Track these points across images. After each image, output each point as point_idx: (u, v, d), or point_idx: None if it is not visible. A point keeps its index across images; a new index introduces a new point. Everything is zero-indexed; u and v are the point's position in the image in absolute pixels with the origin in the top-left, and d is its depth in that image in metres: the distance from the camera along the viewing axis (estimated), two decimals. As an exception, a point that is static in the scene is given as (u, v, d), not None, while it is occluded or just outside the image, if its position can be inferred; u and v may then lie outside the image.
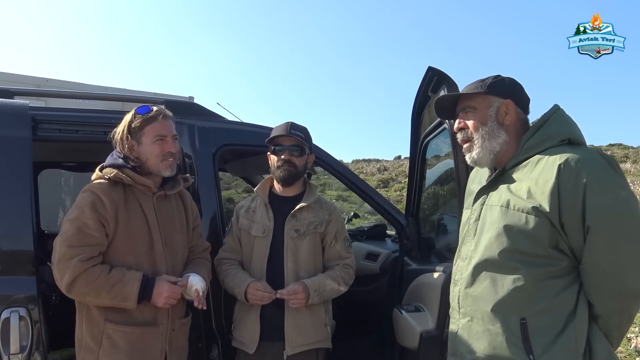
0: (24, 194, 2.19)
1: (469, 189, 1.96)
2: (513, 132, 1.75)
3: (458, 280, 1.80)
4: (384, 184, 18.77)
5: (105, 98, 3.80)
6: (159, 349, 2.09)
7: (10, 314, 2.05)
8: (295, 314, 2.36)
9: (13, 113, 2.29)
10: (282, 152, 2.44)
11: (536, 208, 1.55)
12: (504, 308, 1.62)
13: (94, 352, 2.01)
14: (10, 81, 4.86)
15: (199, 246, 2.36)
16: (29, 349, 2.06)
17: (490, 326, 1.64)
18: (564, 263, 1.59)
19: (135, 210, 2.08)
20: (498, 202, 1.68)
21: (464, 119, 1.81)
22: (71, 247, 1.92)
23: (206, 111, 2.93)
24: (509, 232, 1.61)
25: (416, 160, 3.01)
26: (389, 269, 3.35)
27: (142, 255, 2.07)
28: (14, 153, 2.21)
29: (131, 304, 1.97)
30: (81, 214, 1.96)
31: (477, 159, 1.78)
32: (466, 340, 1.73)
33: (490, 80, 1.77)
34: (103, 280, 1.92)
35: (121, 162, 2.08)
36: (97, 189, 2.01)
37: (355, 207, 13.13)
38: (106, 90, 5.42)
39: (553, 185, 1.53)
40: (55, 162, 3.97)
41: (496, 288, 1.63)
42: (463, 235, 1.84)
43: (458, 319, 1.79)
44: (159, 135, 2.09)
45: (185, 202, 2.32)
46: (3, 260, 2.12)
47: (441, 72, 2.43)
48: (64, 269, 1.90)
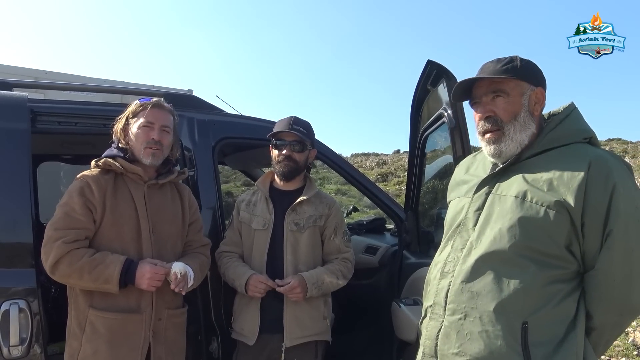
0: (23, 187, 2.19)
1: (461, 179, 1.81)
2: (537, 125, 1.62)
3: (449, 272, 1.62)
4: (383, 178, 18.78)
5: (104, 90, 3.80)
6: (141, 337, 2.07)
7: (10, 306, 2.05)
8: (294, 307, 2.38)
9: (12, 105, 2.28)
10: (283, 147, 2.45)
11: (559, 202, 1.44)
12: (508, 308, 1.48)
13: (78, 338, 2.04)
14: (8, 73, 4.84)
15: (196, 241, 2.36)
16: (28, 341, 2.07)
17: (489, 327, 1.49)
18: (573, 267, 1.49)
19: (125, 198, 2.11)
20: (511, 192, 1.54)
21: (491, 105, 1.61)
22: (57, 230, 1.98)
23: (205, 104, 2.92)
24: (524, 226, 1.48)
25: (415, 154, 3.00)
26: (388, 263, 3.36)
27: (128, 242, 2.09)
28: (13, 145, 2.20)
29: (113, 287, 1.98)
30: (69, 199, 2.03)
31: (505, 151, 1.60)
32: (454, 340, 1.55)
33: (519, 64, 1.59)
34: (85, 262, 1.95)
35: (115, 152, 2.16)
36: (87, 177, 2.08)
37: (354, 201, 13.15)
38: (105, 83, 5.41)
39: (581, 180, 1.43)
40: (54, 155, 3.96)
41: (501, 285, 1.49)
42: (456, 225, 1.68)
43: (442, 316, 1.61)
44: (147, 122, 2.14)
45: (183, 196, 2.33)
46: (2, 253, 2.12)
47: (440, 65, 2.43)
48: (49, 251, 1.95)
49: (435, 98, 2.57)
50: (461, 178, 1.82)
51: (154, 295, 2.10)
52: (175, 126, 2.27)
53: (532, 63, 1.64)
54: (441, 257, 1.70)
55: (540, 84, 1.62)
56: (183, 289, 2.12)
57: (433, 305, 1.67)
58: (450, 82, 2.31)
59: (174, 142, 2.28)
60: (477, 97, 1.65)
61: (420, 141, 2.93)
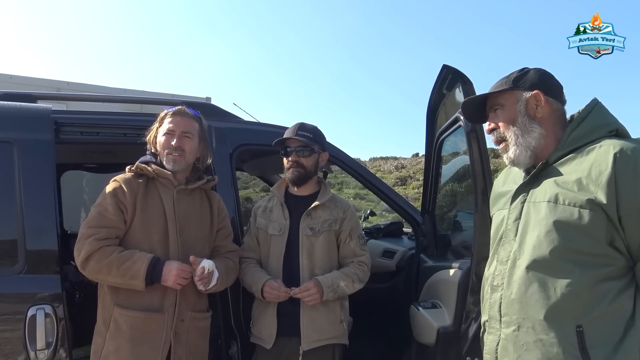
0: (48, 196, 2.26)
1: (499, 191, 1.81)
2: (549, 124, 1.63)
3: (498, 285, 1.62)
4: (401, 182, 18.72)
5: (126, 101, 3.88)
6: (162, 337, 2.12)
7: (36, 311, 2.12)
8: (310, 311, 2.39)
9: (36, 117, 2.36)
10: (290, 154, 2.49)
11: (591, 200, 1.42)
12: (558, 315, 1.46)
13: (103, 335, 2.10)
14: (32, 85, 4.96)
15: (224, 246, 2.41)
16: (54, 345, 2.13)
17: (543, 336, 1.47)
18: (621, 263, 1.45)
19: (155, 201, 2.19)
20: (544, 197, 1.53)
21: (493, 119, 1.71)
22: (90, 228, 2.08)
23: (223, 112, 2.97)
24: (560, 229, 1.46)
25: (432, 157, 3.01)
26: (406, 266, 3.37)
27: (156, 243, 2.15)
28: (38, 156, 2.28)
29: (139, 283, 2.04)
30: (103, 200, 2.14)
31: (515, 158, 1.65)
32: (512, 352, 1.55)
33: (515, 75, 1.67)
34: (115, 258, 2.03)
35: (149, 158, 2.26)
36: (120, 179, 2.18)
37: (373, 205, 13.13)
38: (125, 92, 5.51)
39: (610, 175, 1.40)
40: (77, 164, 4.06)
41: (547, 292, 1.47)
42: (499, 237, 1.68)
43: (499, 329, 1.61)
44: (169, 130, 2.23)
45: (212, 203, 2.40)
46: (29, 259, 2.19)
47: (456, 70, 2.44)
48: (81, 247, 2.05)
49: (451, 102, 2.58)
50: (499, 190, 1.82)
51: (178, 295, 2.15)
52: (202, 133, 2.32)
53: (530, 71, 1.67)
54: (489, 271, 1.71)
55: (537, 87, 1.62)
56: (205, 286, 2.17)
57: (489, 319, 1.68)
58: (465, 86, 2.32)
59: (203, 149, 2.33)
60: (487, 115, 1.76)
61: (436, 145, 2.94)
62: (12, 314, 2.14)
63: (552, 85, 1.66)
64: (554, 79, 1.68)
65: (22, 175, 2.22)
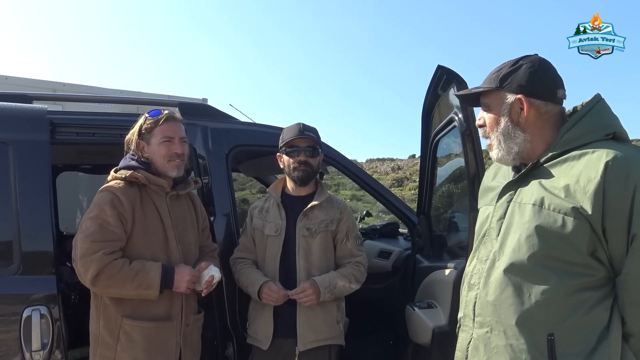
0: (43, 196, 2.26)
1: (488, 185, 1.75)
2: (535, 128, 1.53)
3: (475, 284, 1.59)
4: (398, 183, 18.73)
5: (121, 101, 3.88)
6: (174, 344, 2.15)
7: (31, 312, 2.12)
8: (307, 311, 2.39)
9: (32, 118, 2.36)
10: (299, 153, 2.47)
11: (576, 209, 1.36)
12: (530, 321, 1.43)
13: (112, 348, 2.06)
14: (28, 86, 4.96)
15: (207, 246, 2.44)
16: (49, 347, 2.13)
17: (513, 341, 1.45)
18: (601, 274, 1.41)
19: (150, 209, 2.16)
20: (530, 199, 1.47)
21: (483, 115, 1.65)
22: (94, 242, 1.99)
23: (219, 112, 2.97)
24: (541, 235, 1.41)
25: (427, 158, 3.02)
26: (402, 267, 3.37)
27: (157, 252, 2.14)
28: (34, 156, 2.28)
29: (154, 292, 2.04)
30: (101, 212, 2.03)
31: (498, 159, 1.62)
32: (482, 353, 1.53)
33: (504, 72, 1.55)
34: (126, 271, 2.00)
35: (135, 164, 2.16)
36: (114, 189, 2.09)
37: (370, 206, 13.13)
38: (121, 93, 5.50)
39: (598, 184, 1.34)
40: (72, 165, 4.04)
41: (522, 298, 1.44)
42: (482, 235, 1.63)
43: (472, 328, 1.59)
44: (166, 137, 2.17)
45: (195, 204, 2.41)
46: (25, 260, 2.18)
47: (450, 70, 2.45)
48: (89, 263, 1.97)
49: (446, 102, 2.59)
50: (488, 185, 1.76)
51: (183, 302, 2.18)
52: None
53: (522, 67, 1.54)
54: (469, 268, 1.67)
55: (523, 91, 1.52)
56: (207, 291, 2.22)
57: (464, 317, 1.65)
58: (460, 87, 2.32)
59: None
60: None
61: (431, 145, 2.95)
62: (7, 315, 2.13)
63: (542, 85, 1.53)
64: (548, 75, 1.55)
65: (17, 176, 2.22)
